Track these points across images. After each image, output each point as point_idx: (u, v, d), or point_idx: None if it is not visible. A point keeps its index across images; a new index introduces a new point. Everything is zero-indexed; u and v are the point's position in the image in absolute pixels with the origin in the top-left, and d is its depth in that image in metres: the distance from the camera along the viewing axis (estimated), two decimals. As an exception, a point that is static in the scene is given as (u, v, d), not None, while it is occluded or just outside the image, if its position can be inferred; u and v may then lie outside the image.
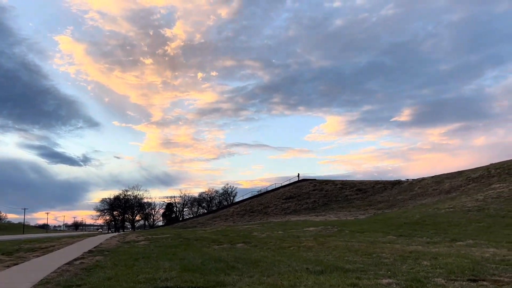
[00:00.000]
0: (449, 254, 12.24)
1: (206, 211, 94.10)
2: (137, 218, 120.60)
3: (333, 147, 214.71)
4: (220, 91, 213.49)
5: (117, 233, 56.87)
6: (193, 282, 8.80)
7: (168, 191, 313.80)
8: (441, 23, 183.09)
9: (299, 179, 72.35)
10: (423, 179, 55.50)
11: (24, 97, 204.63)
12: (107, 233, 69.99)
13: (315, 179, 70.96)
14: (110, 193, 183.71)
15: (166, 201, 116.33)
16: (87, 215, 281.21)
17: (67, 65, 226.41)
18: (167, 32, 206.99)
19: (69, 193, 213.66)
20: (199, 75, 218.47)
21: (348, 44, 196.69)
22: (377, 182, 64.43)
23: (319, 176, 74.98)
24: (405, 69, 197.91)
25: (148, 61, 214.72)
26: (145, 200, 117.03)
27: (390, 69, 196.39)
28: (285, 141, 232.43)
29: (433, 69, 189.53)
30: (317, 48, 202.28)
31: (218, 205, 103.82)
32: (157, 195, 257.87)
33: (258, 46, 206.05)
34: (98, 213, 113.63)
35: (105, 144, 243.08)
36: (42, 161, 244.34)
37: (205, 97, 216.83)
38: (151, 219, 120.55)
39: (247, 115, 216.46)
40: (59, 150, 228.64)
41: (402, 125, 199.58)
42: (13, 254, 16.67)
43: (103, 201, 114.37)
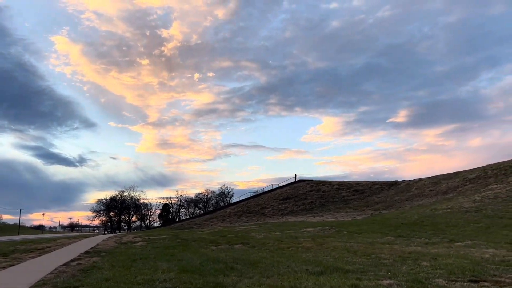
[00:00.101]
0: (449, 255, 12.20)
1: (203, 212, 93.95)
2: (133, 219, 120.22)
3: (330, 148, 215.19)
4: (217, 92, 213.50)
5: (114, 234, 56.66)
6: (192, 284, 8.71)
7: (165, 192, 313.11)
8: (437, 25, 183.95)
9: (296, 180, 72.32)
10: (420, 180, 55.59)
11: (20, 98, 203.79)
12: (104, 234, 69.71)
13: (312, 180, 70.94)
14: (106, 194, 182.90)
15: (163, 202, 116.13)
16: (83, 216, 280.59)
17: (63, 66, 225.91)
18: (164, 33, 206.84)
19: (65, 194, 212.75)
20: (196, 76, 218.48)
21: (345, 46, 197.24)
22: (374, 183, 64.49)
23: (316, 177, 75.00)
24: (401, 71, 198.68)
25: (145, 62, 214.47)
26: (142, 201, 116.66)
27: (387, 71, 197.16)
28: (282, 142, 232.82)
29: (429, 71, 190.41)
30: (314, 50, 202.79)
31: (215, 206, 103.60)
32: (154, 196, 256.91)
33: (255, 47, 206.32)
34: (94, 214, 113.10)
35: (101, 145, 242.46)
36: (38, 162, 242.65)
37: (202, 98, 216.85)
38: (148, 220, 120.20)
39: (244, 116, 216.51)
40: (55, 151, 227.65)
41: (398, 126, 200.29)
42: (9, 255, 16.50)
43: (99, 202, 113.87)
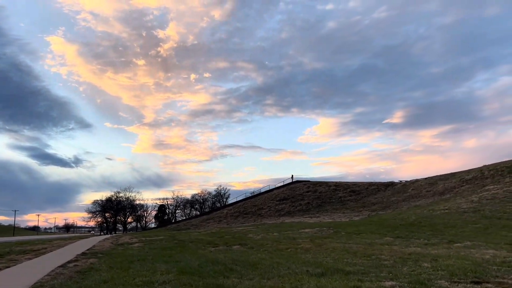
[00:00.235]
0: (449, 256, 12.14)
1: (199, 213, 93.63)
2: (129, 220, 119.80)
3: (326, 149, 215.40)
4: (213, 93, 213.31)
5: (110, 235, 56.34)
6: (192, 285, 8.60)
7: (160, 193, 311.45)
8: (433, 26, 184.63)
9: (293, 181, 72.23)
10: (417, 181, 55.62)
11: (15, 98, 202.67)
12: (100, 235, 69.35)
13: (309, 181, 70.86)
14: (102, 195, 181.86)
15: (159, 203, 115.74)
16: (79, 217, 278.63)
17: (59, 66, 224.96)
18: (160, 33, 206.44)
19: (60, 195, 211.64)
20: (192, 77, 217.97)
21: (341, 47, 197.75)
22: (371, 184, 64.50)
23: (312, 178, 74.98)
24: (397, 72, 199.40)
25: (141, 62, 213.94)
26: (137, 202, 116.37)
27: (383, 72, 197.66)
28: (278, 143, 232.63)
29: (425, 72, 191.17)
30: (310, 50, 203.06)
31: (211, 207, 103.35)
32: (149, 197, 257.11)
33: (251, 48, 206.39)
34: (90, 215, 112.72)
35: (97, 146, 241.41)
36: (33, 163, 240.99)
37: (198, 99, 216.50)
38: (143, 221, 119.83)
39: (240, 117, 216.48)
40: (50, 152, 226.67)
41: (394, 127, 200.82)
42: (5, 257, 16.30)
43: (95, 203, 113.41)
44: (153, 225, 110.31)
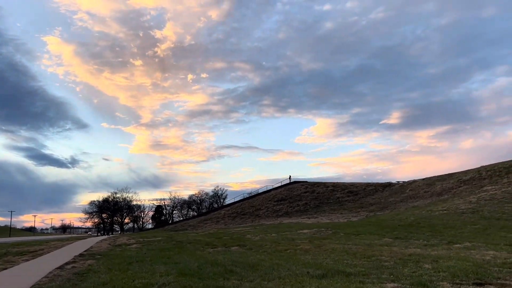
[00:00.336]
0: (450, 257, 12.09)
1: (196, 214, 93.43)
2: (126, 221, 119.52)
3: (323, 150, 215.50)
4: (210, 93, 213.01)
5: (107, 236, 56.11)
6: (192, 287, 8.52)
7: (157, 194, 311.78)
8: (430, 27, 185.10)
9: (291, 181, 72.19)
10: (414, 181, 55.67)
11: (12, 98, 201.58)
12: (97, 236, 69.07)
13: (307, 181, 70.85)
14: (99, 196, 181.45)
15: (156, 204, 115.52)
16: (75, 218, 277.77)
17: (56, 66, 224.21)
18: (157, 34, 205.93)
19: (57, 196, 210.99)
20: (189, 77, 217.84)
21: (338, 47, 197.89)
22: (368, 184, 64.55)
23: (310, 178, 74.84)
24: (395, 72, 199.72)
25: (138, 63, 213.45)
26: (134, 203, 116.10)
27: (380, 72, 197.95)
28: (275, 144, 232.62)
29: (422, 73, 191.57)
30: (307, 51, 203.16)
31: (209, 208, 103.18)
32: (147, 198, 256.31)
33: (249, 49, 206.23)
34: (87, 216, 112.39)
35: (94, 146, 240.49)
36: (29, 163, 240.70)
37: (195, 99, 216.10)
38: (140, 222, 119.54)
39: (238, 117, 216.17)
40: (47, 152, 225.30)
41: (391, 128, 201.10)
42: (1, 258, 16.17)
43: (92, 204, 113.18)
44: (150, 226, 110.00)
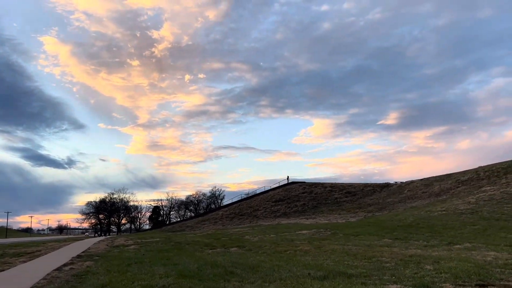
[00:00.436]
0: (451, 258, 12.04)
1: (194, 214, 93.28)
2: (123, 222, 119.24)
3: (320, 150, 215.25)
4: (208, 94, 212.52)
5: (105, 237, 55.90)
6: (193, 289, 8.44)
7: (155, 194, 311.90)
8: (427, 28, 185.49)
9: (289, 182, 72.09)
10: (412, 182, 55.69)
11: (8, 99, 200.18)
12: (95, 237, 68.80)
13: (305, 182, 70.77)
14: (96, 196, 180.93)
15: (153, 204, 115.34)
16: (72, 219, 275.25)
17: (52, 66, 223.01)
18: (154, 34, 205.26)
19: (53, 196, 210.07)
20: (187, 77, 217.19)
21: (335, 48, 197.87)
22: (366, 185, 64.55)
23: (307, 179, 74.78)
24: (392, 73, 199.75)
25: (135, 63, 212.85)
26: (131, 203, 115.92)
27: (377, 73, 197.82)
28: (273, 144, 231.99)
29: (419, 73, 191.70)
30: (305, 52, 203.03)
31: (206, 208, 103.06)
32: (144, 198, 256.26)
33: (246, 49, 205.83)
34: (84, 217, 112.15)
35: (91, 147, 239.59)
36: (26, 164, 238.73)
37: (193, 100, 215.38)
38: (138, 223, 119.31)
39: (235, 118, 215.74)
40: (43, 153, 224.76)
41: (389, 128, 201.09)
42: (-2, 260, 16.02)
43: (89, 204, 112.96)
44: (147, 227, 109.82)
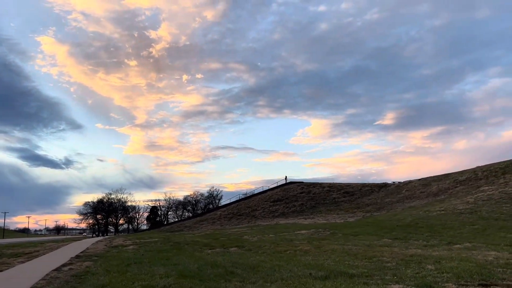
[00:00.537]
0: (452, 258, 12.01)
1: (192, 215, 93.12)
2: (121, 222, 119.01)
3: (318, 150, 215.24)
4: (206, 94, 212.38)
5: (103, 237, 55.74)
6: (194, 290, 8.37)
7: (152, 194, 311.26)
8: (424, 28, 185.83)
9: (287, 182, 72.06)
10: (410, 182, 55.74)
11: (5, 99, 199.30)
12: (93, 237, 68.60)
13: (303, 182, 70.76)
14: (93, 197, 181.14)
15: (151, 205, 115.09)
16: (69, 219, 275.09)
17: (50, 67, 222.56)
18: (152, 34, 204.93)
19: (51, 197, 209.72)
20: (184, 78, 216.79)
21: (333, 48, 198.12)
22: (364, 185, 64.59)
23: (304, 179, 74.80)
24: (389, 73, 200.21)
25: (133, 63, 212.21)
26: (129, 204, 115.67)
27: (374, 73, 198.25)
28: (270, 144, 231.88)
29: (416, 74, 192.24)
30: (302, 52, 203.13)
31: (204, 209, 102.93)
32: (141, 199, 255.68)
33: (244, 49, 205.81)
34: (81, 217, 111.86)
35: (88, 147, 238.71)
36: (23, 164, 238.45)
37: (190, 100, 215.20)
38: (135, 223, 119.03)
39: (232, 118, 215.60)
40: (41, 153, 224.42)
41: (386, 129, 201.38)
42: (-4, 260, 15.90)
43: (86, 205, 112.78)
44: (145, 227, 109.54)
